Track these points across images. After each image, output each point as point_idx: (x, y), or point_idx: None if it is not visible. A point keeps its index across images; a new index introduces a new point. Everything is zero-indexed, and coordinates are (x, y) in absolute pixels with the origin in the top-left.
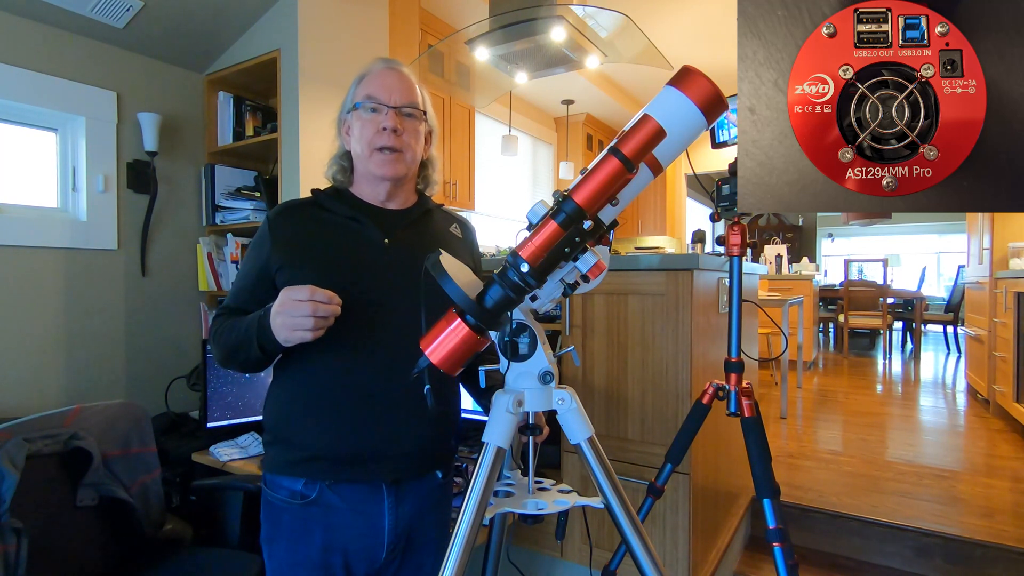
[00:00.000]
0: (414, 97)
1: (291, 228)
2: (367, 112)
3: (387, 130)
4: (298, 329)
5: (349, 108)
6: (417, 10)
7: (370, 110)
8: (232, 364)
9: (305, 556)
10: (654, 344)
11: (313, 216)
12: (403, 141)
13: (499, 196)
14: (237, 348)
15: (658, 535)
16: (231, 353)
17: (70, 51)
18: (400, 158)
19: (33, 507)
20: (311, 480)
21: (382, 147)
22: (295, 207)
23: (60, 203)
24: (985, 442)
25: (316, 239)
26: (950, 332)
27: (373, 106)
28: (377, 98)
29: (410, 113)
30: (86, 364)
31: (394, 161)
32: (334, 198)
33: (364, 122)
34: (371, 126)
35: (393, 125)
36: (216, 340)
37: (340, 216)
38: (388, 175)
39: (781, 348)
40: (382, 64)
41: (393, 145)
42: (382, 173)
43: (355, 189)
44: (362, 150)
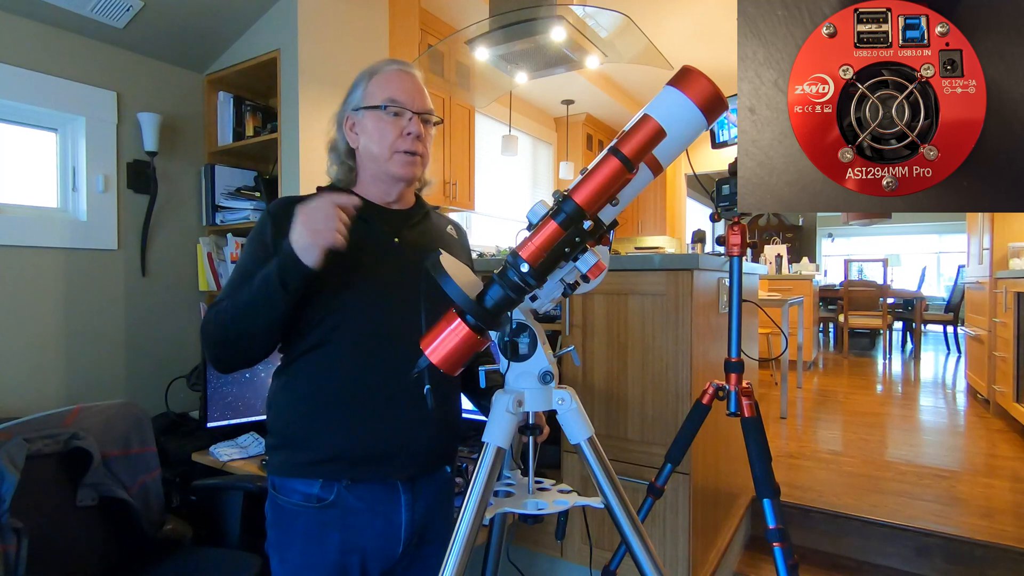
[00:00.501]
0: (430, 104)
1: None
2: (390, 115)
3: (411, 135)
4: (321, 229)
5: (359, 105)
6: (417, 10)
7: (393, 113)
8: (236, 342)
9: (320, 558)
10: (654, 344)
11: None
12: (424, 146)
13: (499, 196)
14: (249, 307)
15: (658, 535)
16: (241, 319)
17: (70, 51)
18: (420, 161)
19: (33, 507)
20: (328, 482)
21: (407, 151)
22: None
23: (60, 203)
24: (985, 442)
25: None
26: (950, 332)
27: (396, 110)
28: (400, 102)
29: (427, 119)
30: (86, 364)
31: (415, 164)
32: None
33: (386, 124)
34: (393, 129)
35: (419, 131)
36: (216, 320)
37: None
38: (409, 176)
39: (781, 348)
40: (397, 66)
41: (417, 150)
42: (403, 174)
43: (359, 189)
44: (381, 151)
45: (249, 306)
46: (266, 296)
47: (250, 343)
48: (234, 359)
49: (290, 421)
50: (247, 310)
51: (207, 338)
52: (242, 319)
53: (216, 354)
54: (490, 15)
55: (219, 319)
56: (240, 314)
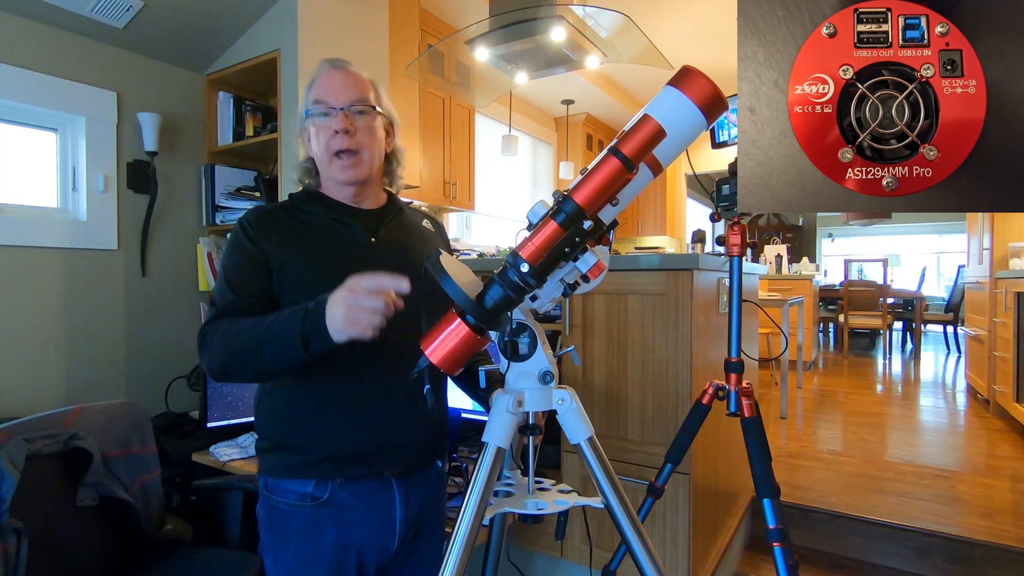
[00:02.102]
0: (363, 93)
1: (276, 231)
2: (319, 117)
3: (339, 132)
4: (361, 321)
5: (303, 115)
6: (417, 10)
7: (321, 115)
8: (239, 369)
9: (316, 557)
10: (654, 344)
11: (296, 218)
12: (358, 141)
13: (499, 196)
14: (261, 345)
15: (658, 535)
16: (248, 352)
17: (70, 51)
18: (358, 160)
19: (33, 507)
20: (321, 481)
21: (339, 151)
22: (272, 211)
23: (60, 203)
24: (985, 442)
25: (306, 241)
26: (950, 332)
27: (323, 110)
28: (325, 101)
29: (360, 110)
30: (86, 364)
31: (353, 165)
32: (311, 200)
33: (319, 128)
34: (325, 131)
35: (344, 126)
36: (222, 341)
37: (322, 218)
38: (351, 179)
39: (781, 348)
40: (327, 66)
41: (348, 147)
42: (344, 178)
43: (325, 190)
44: (322, 156)
45: (258, 344)
46: (282, 346)
47: (253, 376)
48: (232, 380)
49: (280, 423)
50: (260, 350)
51: (208, 353)
52: (252, 352)
53: (217, 372)
54: (490, 15)
55: (224, 341)
56: (249, 347)
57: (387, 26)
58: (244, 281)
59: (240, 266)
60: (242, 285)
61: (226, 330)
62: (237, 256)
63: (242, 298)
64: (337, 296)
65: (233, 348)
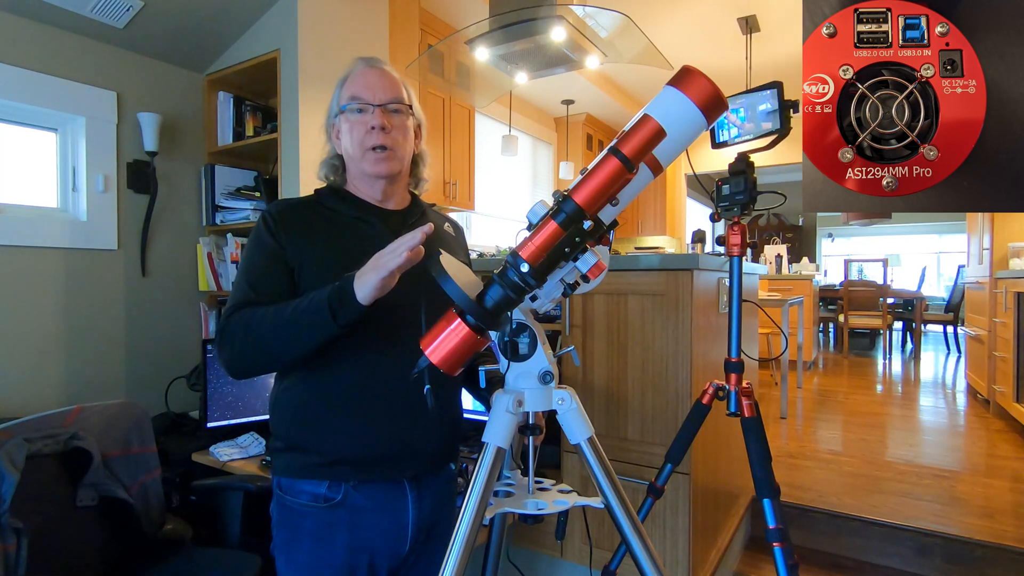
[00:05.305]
0: (398, 92)
1: (299, 227)
2: (354, 113)
3: (376, 129)
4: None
5: (336, 112)
6: (417, 10)
7: (357, 111)
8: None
9: (328, 558)
10: (654, 344)
11: (321, 216)
12: (392, 138)
13: (499, 196)
14: (288, 324)
15: (658, 535)
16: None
17: (70, 51)
18: (392, 155)
19: (33, 507)
20: (335, 482)
21: (374, 146)
22: (297, 205)
23: (60, 203)
24: (985, 442)
25: (330, 239)
26: (950, 332)
27: (359, 107)
28: (362, 98)
29: (396, 109)
30: (86, 364)
31: (387, 159)
32: (336, 197)
33: (353, 124)
34: (360, 127)
35: (381, 123)
36: (246, 329)
37: (347, 217)
38: (383, 172)
39: (781, 348)
40: (363, 64)
41: (383, 143)
42: (376, 171)
43: (351, 188)
44: (354, 151)
45: (290, 325)
46: (311, 320)
47: (279, 361)
48: (255, 370)
49: (295, 424)
50: (288, 329)
51: (229, 345)
52: (278, 338)
53: (237, 361)
54: (490, 15)
55: (250, 331)
56: (277, 327)
57: (387, 26)
58: (263, 280)
59: (260, 264)
60: (262, 283)
61: (249, 319)
62: (258, 253)
63: (262, 296)
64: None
65: (258, 332)
